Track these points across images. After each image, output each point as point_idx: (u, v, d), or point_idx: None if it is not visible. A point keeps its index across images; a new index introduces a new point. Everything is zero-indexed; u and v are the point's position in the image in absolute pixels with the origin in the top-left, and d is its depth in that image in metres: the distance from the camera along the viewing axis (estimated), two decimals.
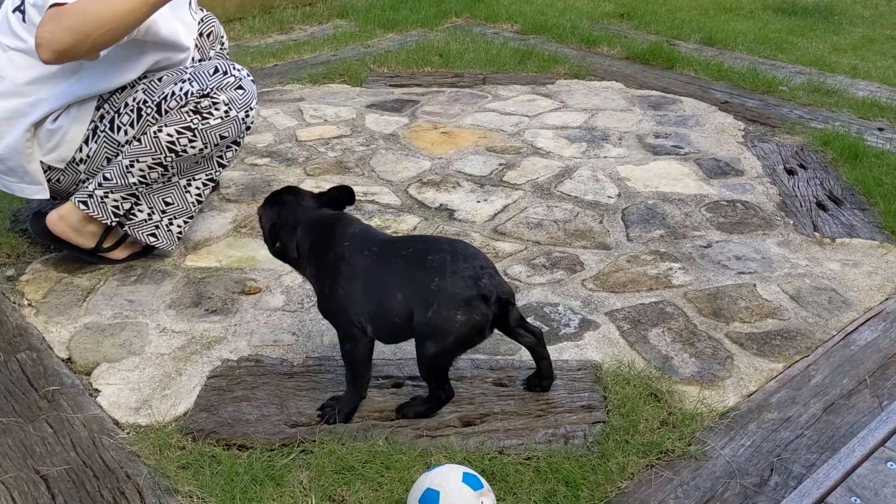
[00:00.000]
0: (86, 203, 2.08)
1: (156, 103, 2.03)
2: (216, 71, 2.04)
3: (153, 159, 2.04)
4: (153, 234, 2.17)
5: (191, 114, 2.01)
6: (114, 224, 2.13)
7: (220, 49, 2.57)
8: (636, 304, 2.02)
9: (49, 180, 2.12)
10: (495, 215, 2.47)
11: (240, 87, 2.06)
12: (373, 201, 2.55)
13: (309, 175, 2.73)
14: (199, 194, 2.18)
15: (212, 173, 2.17)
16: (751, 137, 3.06)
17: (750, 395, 1.71)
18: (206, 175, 2.16)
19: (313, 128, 3.14)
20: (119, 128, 2.06)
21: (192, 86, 2.02)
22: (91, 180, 2.11)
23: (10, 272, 2.16)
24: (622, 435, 1.57)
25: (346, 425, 1.59)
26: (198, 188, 2.17)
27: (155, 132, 2.02)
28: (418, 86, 3.60)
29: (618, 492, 1.46)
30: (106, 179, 2.07)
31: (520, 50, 4.05)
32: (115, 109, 2.06)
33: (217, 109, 2.02)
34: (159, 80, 2.07)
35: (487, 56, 3.95)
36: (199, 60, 2.37)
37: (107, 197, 2.08)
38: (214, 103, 2.02)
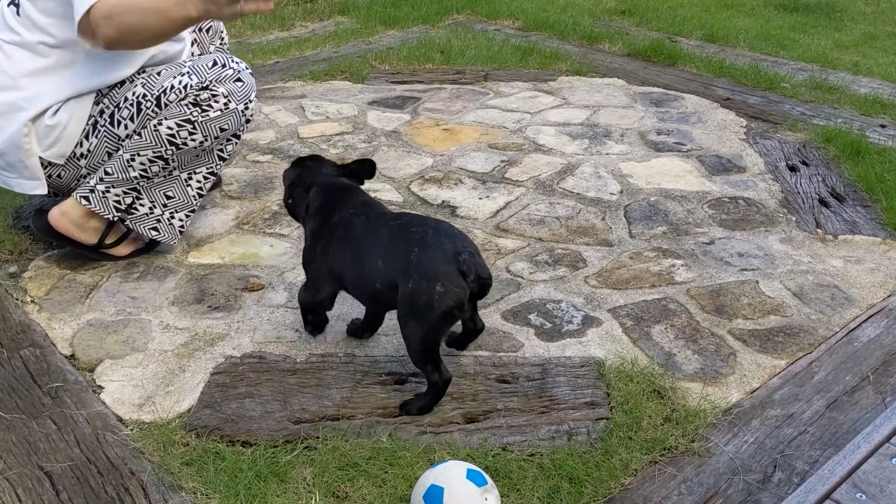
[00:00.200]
0: (87, 198, 2.08)
1: (155, 97, 2.03)
2: (215, 64, 2.05)
3: (154, 152, 2.04)
4: (155, 228, 2.17)
5: (190, 106, 2.01)
6: (115, 219, 2.13)
7: (221, 44, 2.57)
8: (639, 300, 2.02)
9: (50, 176, 2.12)
10: (497, 212, 2.47)
11: (238, 80, 2.06)
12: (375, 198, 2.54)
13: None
14: (199, 188, 2.18)
15: (212, 167, 2.17)
16: (753, 134, 3.05)
17: (753, 391, 1.72)
18: (207, 168, 2.17)
19: (315, 125, 3.13)
20: (119, 122, 2.06)
21: (191, 79, 2.02)
22: (92, 175, 2.11)
23: (13, 269, 2.16)
24: (625, 431, 1.57)
25: (349, 422, 1.59)
26: (198, 182, 2.17)
27: (155, 125, 2.02)
28: (420, 83, 3.60)
29: (621, 488, 1.46)
30: (107, 174, 2.07)
31: (521, 47, 4.04)
32: (115, 104, 2.06)
33: (216, 102, 2.02)
34: (158, 73, 2.07)
35: (489, 53, 3.95)
36: (199, 55, 2.37)
37: (108, 191, 2.08)
38: (214, 96, 2.02)
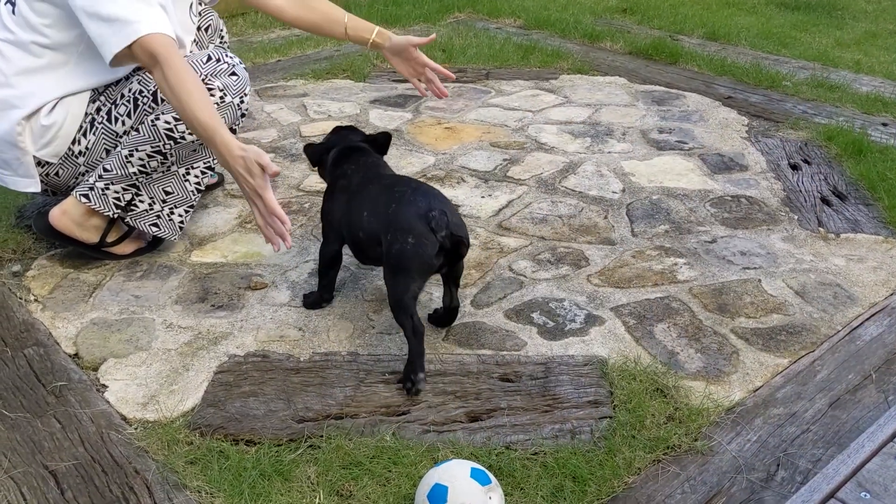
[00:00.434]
0: (87, 196, 2.08)
1: (151, 92, 2.04)
2: (209, 59, 2.06)
3: (152, 147, 2.04)
4: (155, 224, 2.17)
5: None
6: (116, 216, 2.13)
7: (220, 42, 2.57)
8: (641, 299, 2.02)
9: (48, 174, 2.12)
10: (500, 210, 2.47)
11: (233, 74, 2.07)
12: None
13: (314, 170, 2.73)
14: (198, 183, 2.18)
15: (210, 161, 2.18)
16: (754, 133, 3.05)
17: (756, 390, 1.72)
18: (205, 163, 2.17)
19: (317, 123, 3.13)
20: (116, 119, 2.07)
21: None
22: (91, 173, 2.11)
23: (16, 268, 2.16)
24: (629, 430, 1.57)
25: (353, 421, 1.60)
26: (196, 176, 2.17)
27: (152, 120, 2.03)
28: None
29: (625, 487, 1.46)
30: (106, 171, 2.07)
31: (523, 45, 4.04)
32: (112, 101, 2.07)
33: (212, 95, 2.03)
34: None
35: (490, 51, 3.95)
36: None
37: (108, 188, 2.08)
38: (209, 89, 2.02)
